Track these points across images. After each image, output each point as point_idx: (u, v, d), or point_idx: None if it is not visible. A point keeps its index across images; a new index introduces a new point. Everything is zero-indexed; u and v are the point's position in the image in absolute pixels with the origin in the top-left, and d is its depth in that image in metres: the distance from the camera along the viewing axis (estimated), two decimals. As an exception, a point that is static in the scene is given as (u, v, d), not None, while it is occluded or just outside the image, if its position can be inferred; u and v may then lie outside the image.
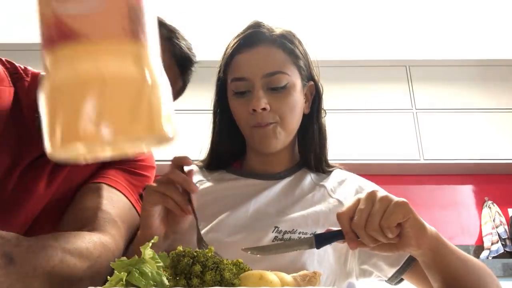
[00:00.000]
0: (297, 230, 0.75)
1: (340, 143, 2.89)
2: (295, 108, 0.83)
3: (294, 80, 0.83)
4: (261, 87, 0.80)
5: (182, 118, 3.06)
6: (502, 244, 2.80)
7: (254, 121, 0.80)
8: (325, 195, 0.83)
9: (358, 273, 0.79)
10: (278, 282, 0.47)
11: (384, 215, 0.55)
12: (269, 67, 0.80)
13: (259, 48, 0.82)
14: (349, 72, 3.16)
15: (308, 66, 0.89)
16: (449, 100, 3.07)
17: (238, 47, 0.83)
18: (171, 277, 0.47)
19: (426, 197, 3.13)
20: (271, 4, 2.63)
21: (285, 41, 0.84)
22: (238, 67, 0.82)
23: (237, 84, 0.82)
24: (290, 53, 0.84)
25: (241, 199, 0.82)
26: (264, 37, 0.83)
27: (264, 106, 0.78)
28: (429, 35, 2.95)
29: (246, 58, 0.82)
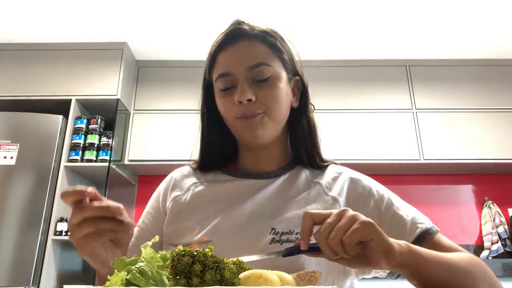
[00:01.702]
0: (294, 230, 0.74)
1: (340, 143, 2.89)
2: (281, 98, 0.82)
3: (278, 71, 0.83)
4: (246, 80, 0.80)
5: (172, 118, 3.07)
6: (502, 244, 2.80)
7: (240, 112, 0.80)
8: (321, 192, 0.82)
9: (357, 271, 0.78)
10: (278, 282, 0.47)
11: (347, 231, 0.55)
12: (252, 59, 0.81)
13: (241, 43, 0.82)
14: (349, 72, 3.16)
15: (292, 60, 0.89)
16: (449, 100, 3.07)
17: (220, 45, 0.84)
18: (171, 276, 0.47)
19: (426, 197, 3.13)
20: (270, 4, 2.63)
21: (266, 36, 0.84)
22: (222, 64, 0.83)
23: (223, 80, 0.82)
24: (272, 46, 0.84)
25: (237, 200, 0.81)
26: (246, 32, 0.84)
27: (250, 97, 0.78)
28: (429, 35, 2.95)
29: (229, 53, 0.82)
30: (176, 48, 3.09)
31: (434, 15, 2.75)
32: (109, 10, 2.72)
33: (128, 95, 3.06)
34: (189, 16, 2.75)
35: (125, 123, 3.03)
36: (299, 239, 0.73)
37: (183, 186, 0.89)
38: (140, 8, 2.69)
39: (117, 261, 0.50)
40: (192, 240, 0.76)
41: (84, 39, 3.01)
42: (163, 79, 3.16)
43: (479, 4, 2.64)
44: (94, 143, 2.80)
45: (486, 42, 3.02)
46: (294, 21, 2.79)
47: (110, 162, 2.77)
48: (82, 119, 2.83)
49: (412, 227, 0.76)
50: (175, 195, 0.87)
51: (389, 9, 2.69)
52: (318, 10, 2.71)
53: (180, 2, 2.63)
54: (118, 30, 2.92)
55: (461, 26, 2.85)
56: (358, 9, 2.70)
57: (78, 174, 2.82)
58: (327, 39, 2.99)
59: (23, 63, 2.98)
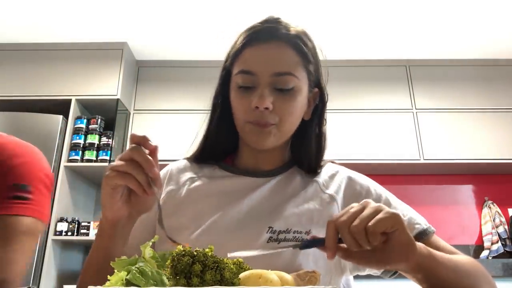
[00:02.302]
0: (291, 229, 0.74)
1: (340, 143, 2.89)
2: (296, 113, 0.81)
3: (301, 85, 0.80)
4: (268, 85, 0.77)
5: (172, 118, 3.07)
6: (502, 244, 2.80)
7: (253, 117, 0.77)
8: (318, 190, 0.82)
9: (352, 268, 0.78)
10: (278, 282, 0.47)
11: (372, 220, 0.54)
12: (279, 66, 0.77)
13: (272, 45, 0.79)
14: (349, 72, 3.16)
15: (317, 71, 0.86)
16: (449, 100, 3.07)
17: (250, 39, 0.79)
18: (171, 276, 0.47)
19: (426, 197, 3.13)
20: (270, 4, 2.63)
21: (299, 42, 0.81)
22: (248, 60, 0.79)
23: (243, 77, 0.78)
24: (303, 56, 0.81)
25: (234, 198, 0.80)
26: (279, 34, 0.80)
27: (268, 105, 0.75)
28: (429, 35, 2.95)
29: (258, 52, 0.78)
30: (176, 48, 3.09)
31: (434, 15, 2.75)
32: (109, 10, 2.72)
33: (128, 95, 3.06)
34: (189, 16, 2.75)
35: (125, 123, 3.03)
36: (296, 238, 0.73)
37: (179, 180, 0.87)
38: (140, 8, 2.69)
39: (117, 261, 0.50)
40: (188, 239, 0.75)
41: (84, 39, 3.01)
42: (163, 79, 3.17)
43: (479, 4, 2.64)
44: (94, 143, 2.80)
45: (486, 42, 3.02)
46: (294, 21, 2.78)
47: (110, 162, 2.77)
48: (82, 119, 2.83)
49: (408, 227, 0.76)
50: (170, 189, 0.85)
51: (389, 9, 2.69)
52: (318, 10, 2.71)
53: (180, 3, 2.63)
54: (118, 30, 2.92)
55: (461, 26, 2.85)
56: (358, 9, 2.70)
57: (78, 174, 2.82)
58: (327, 39, 2.99)
59: (23, 63, 2.98)
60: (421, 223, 0.78)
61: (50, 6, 2.68)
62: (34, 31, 2.93)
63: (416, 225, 0.77)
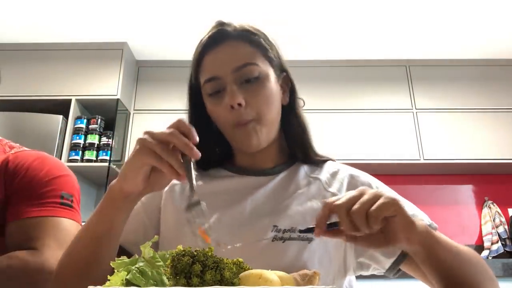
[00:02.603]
0: (296, 228, 0.74)
1: (340, 143, 2.89)
2: (272, 99, 0.81)
3: (265, 70, 0.81)
4: (234, 82, 0.78)
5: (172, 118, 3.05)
6: (502, 244, 2.81)
7: (233, 120, 0.78)
8: (321, 188, 0.82)
9: (356, 267, 0.79)
10: (278, 282, 0.47)
11: (374, 205, 0.55)
12: (237, 60, 0.79)
13: (225, 44, 0.81)
14: (349, 72, 3.16)
15: (278, 57, 0.86)
16: (449, 100, 3.07)
17: (204, 48, 0.82)
18: (171, 276, 0.47)
19: (426, 197, 3.13)
20: (270, 4, 2.63)
21: (249, 35, 0.83)
22: (208, 68, 0.81)
23: (210, 85, 0.80)
24: (257, 45, 0.82)
25: (237, 197, 0.81)
26: (228, 33, 0.82)
27: (240, 101, 0.76)
28: (429, 35, 2.95)
29: (214, 56, 0.81)
30: (176, 48, 3.09)
31: (434, 15, 2.75)
32: (109, 10, 2.72)
33: (128, 95, 3.06)
34: (189, 16, 2.75)
35: (125, 123, 3.03)
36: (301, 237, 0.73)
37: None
38: (140, 8, 2.69)
39: (117, 261, 0.50)
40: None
41: (84, 39, 3.01)
42: (163, 79, 3.17)
43: (479, 4, 2.64)
44: (94, 143, 2.80)
45: (486, 42, 3.02)
46: (294, 21, 2.79)
47: (110, 162, 2.77)
48: (82, 119, 2.83)
49: None
50: (174, 183, 0.85)
51: (389, 9, 2.69)
52: (318, 10, 2.71)
53: (180, 3, 2.63)
54: (118, 30, 2.92)
55: (461, 26, 2.86)
56: (358, 9, 2.70)
57: (78, 174, 2.82)
58: (327, 39, 2.99)
59: (23, 63, 2.98)
60: (424, 219, 0.79)
61: (50, 6, 2.68)
62: (34, 31, 2.93)
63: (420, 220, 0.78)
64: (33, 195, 0.94)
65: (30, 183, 0.95)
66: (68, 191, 0.99)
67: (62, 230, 0.92)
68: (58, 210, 0.94)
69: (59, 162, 1.07)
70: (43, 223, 0.91)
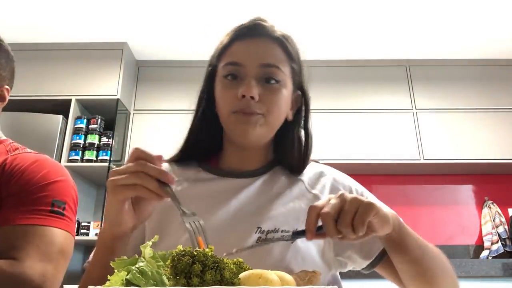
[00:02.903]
0: (279, 228, 0.74)
1: (340, 143, 2.89)
2: (282, 106, 0.81)
3: (286, 80, 0.82)
4: (255, 76, 0.78)
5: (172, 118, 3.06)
6: (502, 244, 2.81)
7: (238, 107, 0.78)
8: (303, 189, 0.83)
9: (336, 264, 0.81)
10: (278, 282, 0.47)
11: (356, 214, 0.58)
12: (267, 58, 0.79)
13: (261, 39, 0.81)
14: (349, 72, 3.16)
15: (300, 73, 0.87)
16: (449, 100, 3.07)
17: (238, 35, 0.82)
18: (171, 276, 0.47)
19: (426, 197, 3.13)
20: (270, 4, 2.63)
21: (285, 41, 0.83)
22: (235, 52, 0.81)
23: (230, 68, 0.80)
24: (288, 54, 0.83)
25: (220, 199, 0.80)
26: (266, 31, 0.82)
27: (254, 94, 0.76)
28: (429, 35, 2.95)
29: (246, 45, 0.81)
30: (176, 48, 3.09)
31: (434, 15, 2.75)
32: (109, 10, 2.72)
33: (128, 95, 3.06)
34: (189, 16, 2.75)
35: (125, 123, 3.03)
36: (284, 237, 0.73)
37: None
38: (140, 8, 2.69)
39: (117, 261, 0.50)
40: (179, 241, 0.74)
41: (84, 39, 3.01)
42: (163, 79, 3.17)
43: (479, 4, 2.64)
44: (94, 143, 2.81)
45: (486, 42, 3.02)
46: (294, 21, 2.79)
47: (110, 162, 2.77)
48: (82, 119, 2.83)
49: None
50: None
51: (389, 9, 2.69)
52: (318, 10, 2.71)
53: (180, 3, 2.63)
54: (118, 30, 2.92)
55: (461, 26, 2.86)
56: (358, 9, 2.70)
57: (78, 174, 2.82)
58: (327, 39, 2.99)
59: (23, 63, 2.97)
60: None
61: (50, 6, 2.68)
62: (34, 31, 2.93)
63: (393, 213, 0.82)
64: (24, 201, 0.91)
65: (23, 186, 0.93)
66: (61, 198, 0.96)
67: (47, 241, 0.90)
68: (47, 219, 0.92)
69: (58, 165, 1.04)
70: (28, 232, 0.88)
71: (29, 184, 0.94)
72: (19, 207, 0.91)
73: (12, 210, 0.90)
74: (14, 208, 0.91)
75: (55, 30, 2.93)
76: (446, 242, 2.99)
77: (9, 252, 0.85)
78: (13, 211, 0.90)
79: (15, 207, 0.91)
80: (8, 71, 1.08)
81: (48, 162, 1.01)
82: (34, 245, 0.87)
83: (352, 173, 0.94)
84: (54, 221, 0.93)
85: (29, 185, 0.94)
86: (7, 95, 1.08)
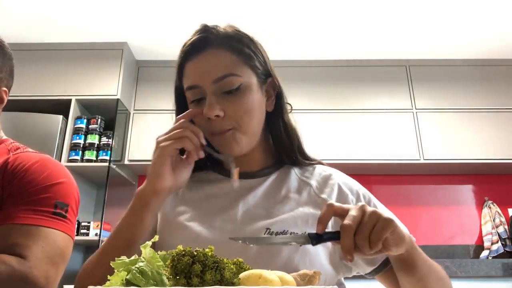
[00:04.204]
0: (288, 231, 0.75)
1: (340, 143, 2.89)
2: (252, 110, 0.80)
3: (247, 80, 0.79)
4: (213, 93, 0.77)
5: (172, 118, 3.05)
6: (502, 244, 2.81)
7: (211, 129, 0.79)
8: (312, 194, 0.83)
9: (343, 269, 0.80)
10: (278, 282, 0.47)
11: (374, 229, 0.57)
12: (217, 71, 0.78)
13: (207, 53, 0.80)
14: (349, 72, 3.16)
15: (264, 62, 0.84)
16: (449, 100, 3.07)
17: (186, 55, 0.82)
18: (171, 276, 0.47)
19: (426, 197, 3.13)
20: (270, 4, 2.63)
21: (232, 42, 0.81)
22: (189, 75, 0.81)
23: (192, 93, 0.80)
24: (240, 53, 0.80)
25: (229, 201, 0.81)
26: (210, 40, 0.81)
27: (218, 113, 0.76)
28: (429, 35, 2.95)
29: (195, 65, 0.80)
30: (176, 48, 3.05)
31: (434, 15, 2.75)
32: (109, 10, 2.72)
33: (128, 95, 3.06)
34: (189, 16, 2.75)
35: (125, 123, 3.03)
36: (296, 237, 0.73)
37: None
38: (140, 8, 2.69)
39: (117, 261, 0.50)
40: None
41: (84, 39, 3.01)
42: (163, 79, 3.16)
43: (479, 4, 2.64)
44: (94, 143, 2.80)
45: (486, 42, 3.02)
46: (294, 20, 2.79)
47: (110, 162, 2.77)
48: (82, 119, 2.83)
49: None
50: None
51: (389, 9, 2.69)
52: (318, 10, 2.71)
53: (180, 3, 2.63)
54: (118, 30, 2.92)
55: (461, 26, 2.86)
56: (358, 9, 2.70)
57: (78, 174, 2.82)
58: (327, 39, 2.99)
59: (23, 63, 2.98)
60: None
61: (50, 6, 2.68)
62: (35, 31, 2.93)
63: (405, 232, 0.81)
64: (27, 201, 0.91)
65: (26, 186, 0.93)
66: (64, 200, 0.96)
67: (51, 243, 0.89)
68: (49, 220, 0.91)
69: (60, 166, 1.03)
70: (31, 231, 0.88)
71: (32, 184, 0.93)
72: (21, 206, 0.90)
73: (14, 209, 0.90)
74: (16, 207, 0.90)
75: (55, 30, 2.92)
76: (446, 242, 2.99)
77: (13, 248, 0.85)
78: (15, 209, 0.90)
79: (17, 206, 0.90)
80: (6, 72, 1.06)
81: (51, 162, 1.01)
82: (39, 246, 0.87)
83: (352, 173, 0.94)
84: (56, 223, 0.92)
85: (32, 185, 0.93)
86: (5, 96, 1.07)
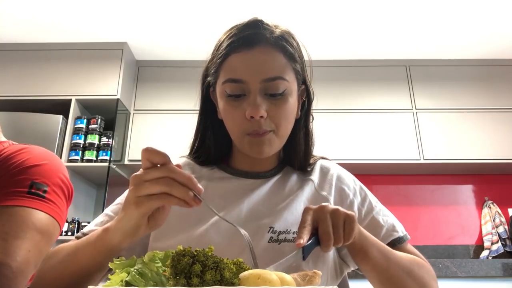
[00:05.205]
0: (291, 230, 0.75)
1: (340, 143, 2.89)
2: (291, 115, 0.80)
3: (291, 87, 0.78)
4: (259, 92, 0.74)
5: (172, 118, 3.07)
6: (502, 244, 2.81)
7: (250, 128, 0.76)
8: (313, 191, 0.84)
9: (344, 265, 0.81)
10: (278, 282, 0.47)
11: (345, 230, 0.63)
12: (269, 71, 0.74)
13: (259, 49, 0.75)
14: (349, 72, 3.16)
15: (303, 69, 0.84)
16: (449, 100, 3.07)
17: (235, 46, 0.76)
18: (171, 276, 0.47)
19: (426, 197, 3.13)
20: (270, 4, 2.63)
21: (285, 44, 0.78)
22: (234, 68, 0.75)
23: (232, 86, 0.75)
24: (290, 57, 0.78)
25: (234, 199, 0.81)
26: (264, 37, 0.76)
27: (263, 113, 0.74)
28: (429, 35, 2.95)
29: (244, 59, 0.75)
30: (176, 48, 3.09)
31: (434, 15, 2.75)
32: (109, 10, 2.72)
33: (128, 95, 3.06)
34: (189, 16, 2.75)
35: (125, 123, 3.03)
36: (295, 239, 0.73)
37: None
38: (140, 8, 2.69)
39: (116, 262, 0.50)
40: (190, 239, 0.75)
41: (84, 39, 3.01)
42: (163, 79, 3.17)
43: (479, 4, 2.64)
44: (94, 143, 2.80)
45: (486, 42, 3.02)
46: (294, 20, 2.78)
47: (110, 162, 2.77)
48: (82, 119, 2.83)
49: (386, 233, 0.81)
50: None
51: (389, 9, 2.69)
52: (318, 10, 2.71)
53: (180, 3, 2.63)
54: (118, 30, 2.92)
55: (461, 26, 2.86)
56: (358, 9, 2.70)
57: (78, 174, 2.82)
58: (327, 39, 2.99)
59: (23, 63, 2.98)
60: (399, 231, 0.83)
61: (50, 6, 2.68)
62: (34, 31, 2.93)
63: (394, 232, 0.82)
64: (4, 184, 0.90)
65: (5, 171, 0.92)
66: (42, 181, 0.93)
67: (15, 220, 0.86)
68: (23, 199, 0.89)
69: (45, 152, 1.00)
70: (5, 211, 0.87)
71: (10, 167, 0.92)
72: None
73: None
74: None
75: (55, 30, 2.93)
76: (446, 242, 2.99)
77: None
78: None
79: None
80: None
81: (36, 149, 0.99)
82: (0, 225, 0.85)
83: (352, 173, 0.95)
84: (31, 202, 0.90)
85: (10, 168, 0.92)
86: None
